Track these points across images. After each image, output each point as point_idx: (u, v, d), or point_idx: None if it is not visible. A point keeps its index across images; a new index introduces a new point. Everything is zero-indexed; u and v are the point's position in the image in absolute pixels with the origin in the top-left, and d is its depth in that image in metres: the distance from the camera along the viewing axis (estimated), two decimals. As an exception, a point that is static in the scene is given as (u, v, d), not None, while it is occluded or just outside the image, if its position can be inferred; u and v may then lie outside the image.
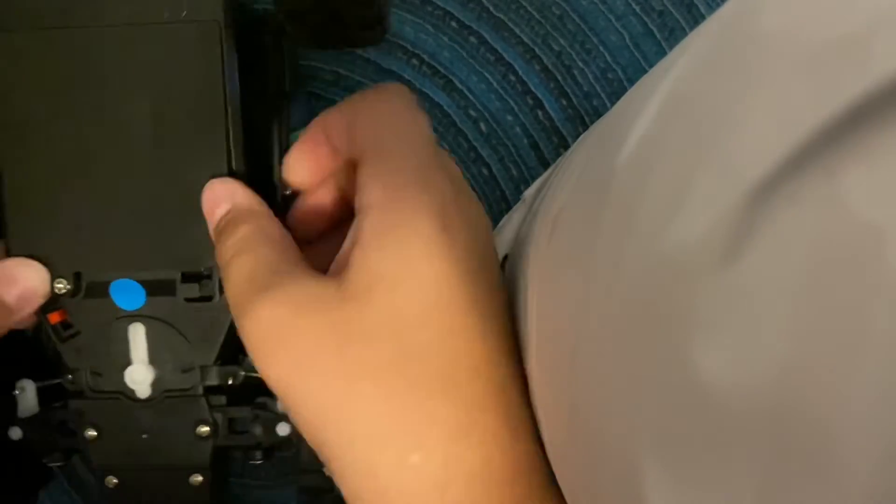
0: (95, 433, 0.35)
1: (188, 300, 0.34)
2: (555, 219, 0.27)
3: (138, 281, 0.33)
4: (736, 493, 0.15)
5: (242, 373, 0.35)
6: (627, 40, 0.46)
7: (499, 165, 0.45)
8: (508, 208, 0.45)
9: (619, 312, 0.19)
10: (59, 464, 0.37)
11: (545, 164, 0.45)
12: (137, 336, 0.34)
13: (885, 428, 0.12)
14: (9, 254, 0.33)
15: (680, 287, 0.16)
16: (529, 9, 0.46)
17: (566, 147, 0.45)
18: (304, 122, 0.39)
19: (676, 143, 0.18)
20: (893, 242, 0.12)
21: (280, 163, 0.36)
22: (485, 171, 0.45)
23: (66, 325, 0.34)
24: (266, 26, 0.36)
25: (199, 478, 0.35)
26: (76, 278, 0.33)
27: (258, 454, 0.36)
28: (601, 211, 0.21)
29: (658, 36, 0.46)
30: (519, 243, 0.34)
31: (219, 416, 0.35)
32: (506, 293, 0.27)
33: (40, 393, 0.36)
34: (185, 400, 0.35)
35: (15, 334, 0.37)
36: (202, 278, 0.34)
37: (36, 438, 0.36)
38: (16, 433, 0.35)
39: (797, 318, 0.14)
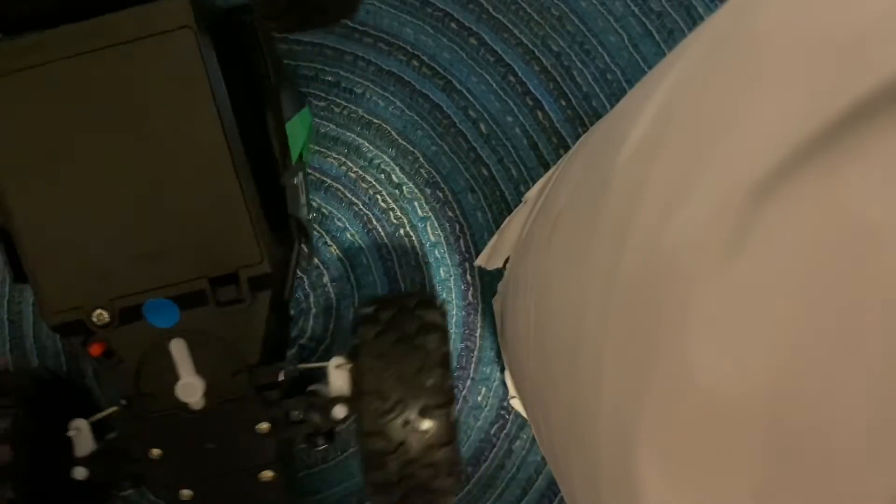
0: (160, 451, 0.35)
1: (221, 305, 0.34)
2: (555, 219, 0.27)
3: (169, 298, 0.33)
4: (733, 493, 0.15)
5: (291, 366, 0.35)
6: (626, 41, 0.46)
7: (498, 166, 0.45)
8: (508, 208, 0.45)
9: (617, 312, 0.19)
10: (129, 492, 0.36)
11: (545, 165, 0.45)
12: (181, 351, 0.34)
13: (882, 428, 0.12)
14: (42, 303, 0.32)
15: (678, 287, 0.16)
16: (529, 10, 0.46)
17: (566, 147, 0.45)
18: (295, 112, 0.39)
19: (675, 143, 0.18)
20: (891, 242, 0.12)
21: (279, 153, 0.36)
22: (484, 171, 0.45)
23: (108, 354, 0.34)
24: (237, 24, 0.35)
25: (270, 473, 0.35)
26: (111, 305, 0.33)
27: (320, 440, 0.36)
28: (601, 211, 0.21)
29: (657, 37, 0.46)
30: (522, 244, 0.34)
31: (276, 412, 0.35)
32: None
33: (94, 428, 0.36)
34: (241, 402, 0.35)
35: (49, 377, 0.37)
36: (230, 281, 0.34)
37: (101, 473, 0.35)
38: (80, 473, 0.35)
39: (795, 318, 0.14)
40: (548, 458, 0.32)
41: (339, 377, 0.35)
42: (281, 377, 0.35)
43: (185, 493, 0.35)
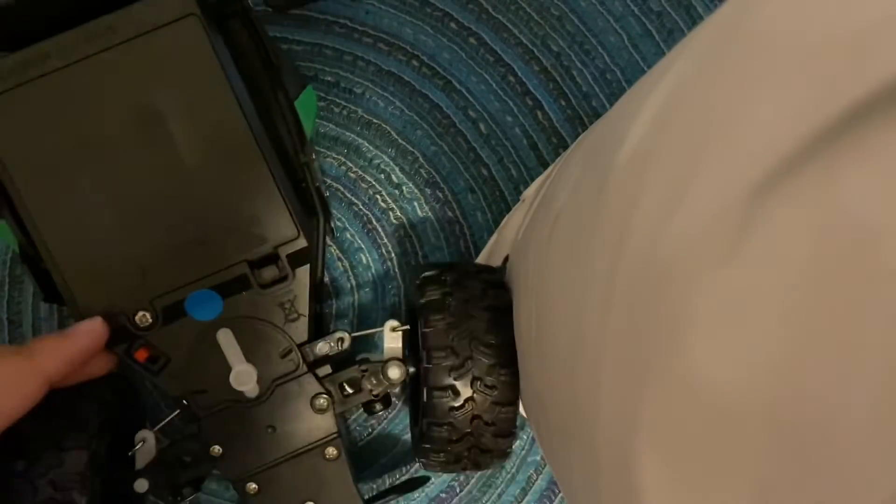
0: (221, 449, 0.35)
1: (264, 287, 0.34)
2: (554, 218, 0.27)
3: (211, 288, 0.33)
4: (733, 493, 0.15)
5: (339, 337, 0.35)
6: (626, 41, 0.46)
7: (498, 166, 0.45)
8: (508, 208, 0.45)
9: (617, 312, 0.19)
10: (192, 497, 0.36)
11: (544, 165, 0.45)
12: (228, 341, 0.33)
13: (882, 427, 0.12)
14: (82, 317, 0.32)
15: (678, 286, 0.16)
16: (528, 10, 0.46)
17: (565, 147, 0.45)
18: (300, 90, 0.39)
19: (675, 143, 0.18)
20: (890, 242, 0.12)
21: (294, 130, 0.36)
22: (484, 171, 0.45)
23: (153, 359, 0.34)
24: (229, 11, 0.35)
25: (334, 451, 0.35)
26: (152, 306, 0.33)
27: (377, 406, 0.37)
28: (600, 210, 0.21)
29: (657, 37, 0.46)
30: (520, 243, 0.34)
31: (330, 386, 0.35)
32: None
33: (156, 436, 0.35)
34: (295, 382, 0.35)
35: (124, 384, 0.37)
36: (270, 262, 0.33)
37: (161, 482, 0.35)
38: (142, 486, 0.34)
39: (794, 318, 0.14)
40: (548, 459, 0.32)
41: (394, 339, 0.35)
42: (342, 346, 0.35)
43: (251, 486, 0.35)
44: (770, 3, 0.17)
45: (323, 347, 0.35)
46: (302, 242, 0.33)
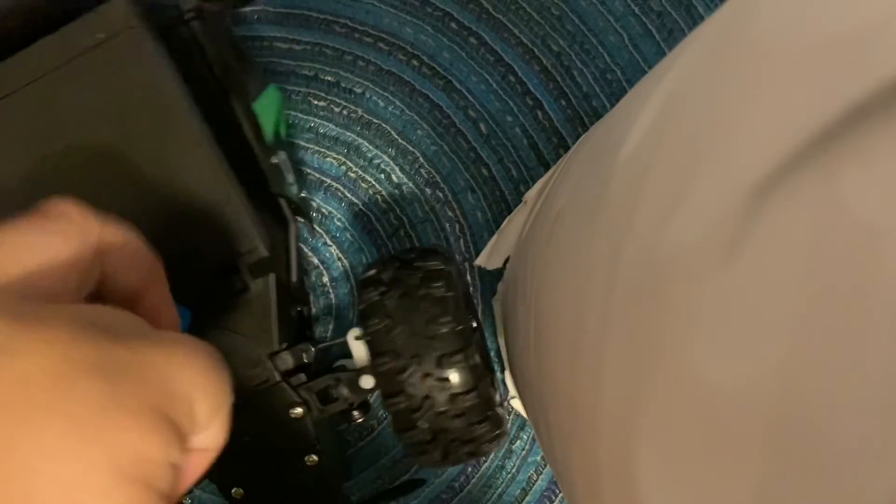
0: None
1: (228, 298, 0.34)
2: (555, 219, 0.27)
3: (178, 300, 0.33)
4: (733, 492, 0.15)
5: (313, 348, 0.35)
6: (626, 41, 0.46)
7: (498, 166, 0.45)
8: (508, 209, 0.45)
9: (617, 312, 0.19)
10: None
11: (545, 165, 0.45)
12: None
13: (883, 427, 0.12)
14: None
15: (678, 287, 0.16)
16: (529, 10, 0.46)
17: (566, 147, 0.45)
18: (259, 91, 0.38)
19: (675, 143, 0.18)
20: (891, 242, 0.12)
21: (252, 135, 0.36)
22: (484, 171, 0.45)
23: None
24: (179, 19, 0.35)
25: (315, 457, 0.35)
26: None
27: (355, 413, 0.36)
28: (600, 211, 0.21)
29: (657, 37, 0.46)
30: (521, 244, 0.34)
31: (305, 394, 0.35)
32: None
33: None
34: (269, 392, 0.34)
35: None
36: (232, 273, 0.33)
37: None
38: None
39: (795, 318, 0.14)
40: (548, 458, 0.32)
41: (359, 348, 0.35)
42: (305, 359, 0.35)
43: (237, 491, 0.35)
44: (770, 3, 0.17)
45: (289, 359, 0.35)
46: (261, 252, 0.33)
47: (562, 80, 0.46)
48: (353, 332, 0.34)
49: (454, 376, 0.31)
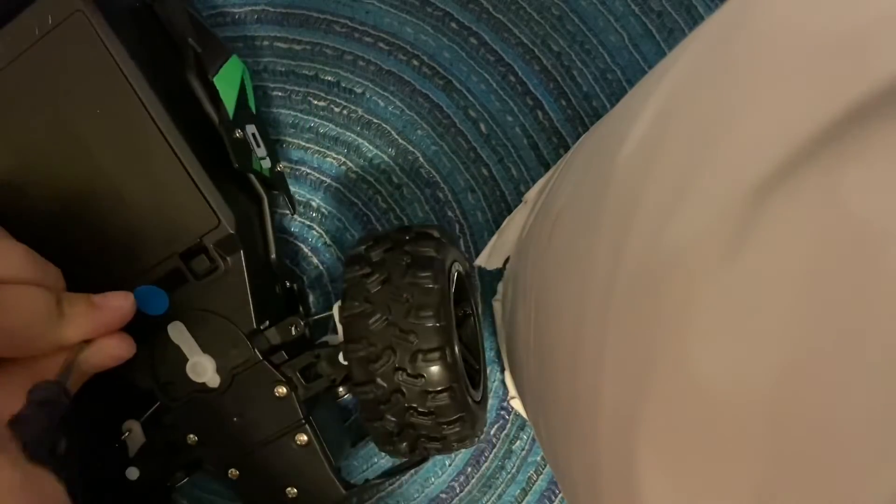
0: (197, 437, 0.35)
1: (200, 278, 0.34)
2: (555, 219, 0.27)
3: (153, 283, 0.33)
4: (734, 492, 0.15)
5: (302, 322, 0.35)
6: (626, 41, 0.46)
7: (498, 166, 0.45)
8: (508, 208, 0.45)
9: (617, 312, 0.19)
10: (184, 481, 0.37)
11: (545, 165, 0.45)
12: (181, 333, 0.34)
13: (883, 427, 0.12)
14: None
15: (679, 286, 0.16)
16: (529, 10, 0.46)
17: (566, 147, 0.45)
18: (219, 66, 0.38)
19: (676, 143, 0.18)
20: (891, 242, 0.12)
21: (212, 109, 0.35)
22: (484, 171, 0.45)
23: None
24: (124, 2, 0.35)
25: (304, 437, 0.35)
26: None
27: (340, 390, 0.36)
28: (601, 211, 0.21)
29: (657, 37, 0.46)
30: (522, 244, 0.34)
31: (287, 372, 0.35)
32: None
33: (144, 426, 0.36)
34: (252, 371, 0.34)
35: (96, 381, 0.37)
36: (198, 252, 0.33)
37: (152, 469, 0.35)
38: (133, 473, 0.35)
39: (796, 317, 0.14)
40: (548, 458, 0.32)
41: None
42: (294, 332, 0.35)
43: (233, 472, 0.36)
44: (770, 3, 0.17)
45: (275, 335, 0.35)
46: (225, 230, 0.33)
47: (562, 80, 0.46)
48: (339, 305, 0.33)
49: (428, 374, 0.30)
